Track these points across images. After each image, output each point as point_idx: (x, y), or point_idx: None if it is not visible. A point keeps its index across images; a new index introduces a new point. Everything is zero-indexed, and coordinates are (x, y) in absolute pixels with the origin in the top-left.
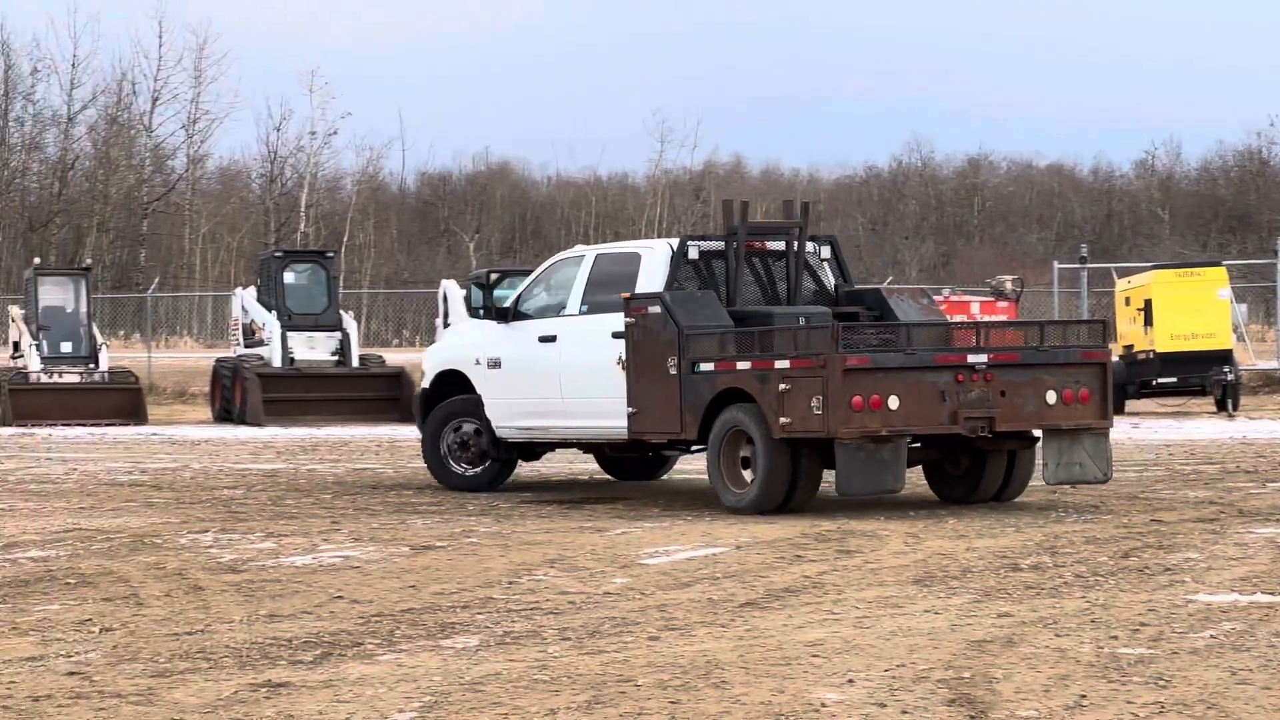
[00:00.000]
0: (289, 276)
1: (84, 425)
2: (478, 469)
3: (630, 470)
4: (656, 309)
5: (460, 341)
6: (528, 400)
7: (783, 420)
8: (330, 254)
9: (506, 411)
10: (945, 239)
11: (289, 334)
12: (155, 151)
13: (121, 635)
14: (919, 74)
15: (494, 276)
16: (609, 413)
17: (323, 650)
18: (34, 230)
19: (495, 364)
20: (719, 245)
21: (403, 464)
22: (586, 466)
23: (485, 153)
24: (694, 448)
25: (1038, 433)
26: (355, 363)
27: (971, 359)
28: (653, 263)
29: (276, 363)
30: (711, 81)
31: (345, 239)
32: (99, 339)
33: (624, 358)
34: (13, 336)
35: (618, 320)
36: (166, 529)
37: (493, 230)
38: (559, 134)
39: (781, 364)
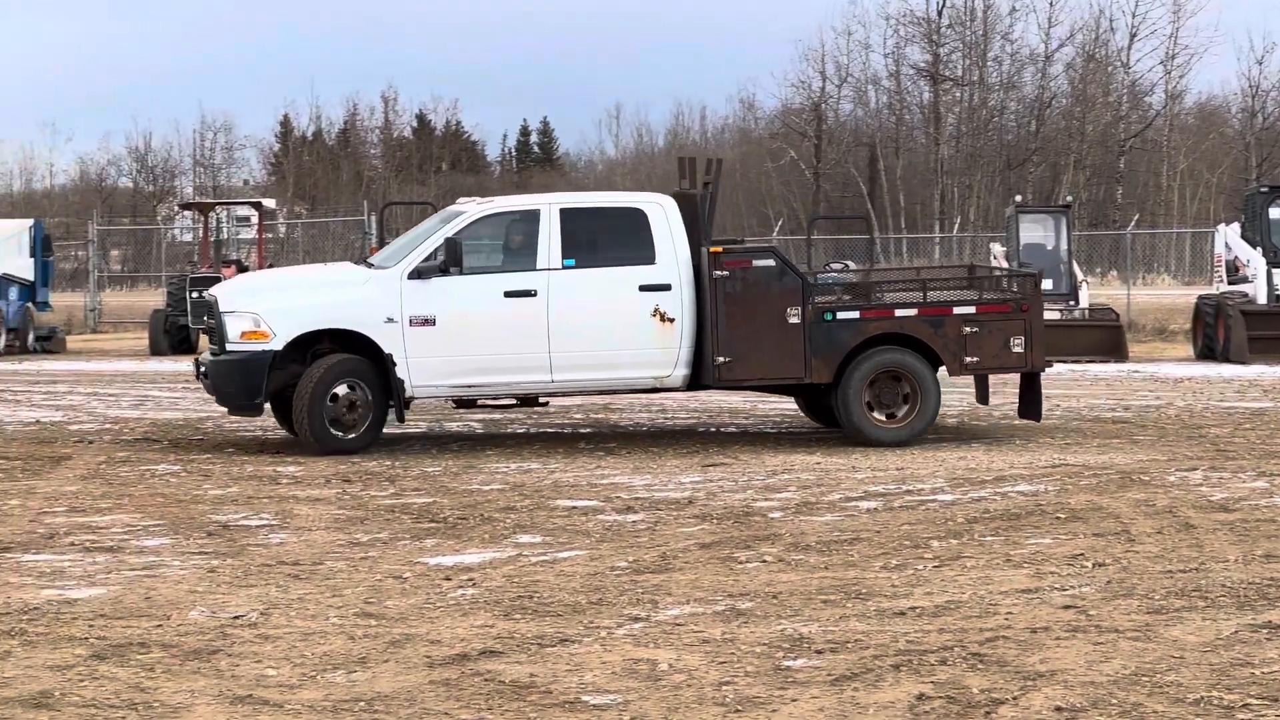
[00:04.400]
0: (1274, 213)
1: (1064, 362)
2: (358, 432)
3: None
4: (768, 262)
5: (341, 300)
6: (484, 356)
7: (968, 360)
8: None
9: (440, 369)
10: None
11: (1275, 270)
12: (1132, 88)
13: (1114, 571)
14: None
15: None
16: (639, 363)
17: None
18: (1011, 168)
19: (425, 321)
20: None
21: None
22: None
23: None
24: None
25: None
26: None
27: None
28: (666, 218)
29: (1262, 299)
30: None
31: None
32: (1079, 276)
33: (661, 309)
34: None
35: (643, 274)
36: (1154, 466)
37: None
38: None
39: (963, 310)
